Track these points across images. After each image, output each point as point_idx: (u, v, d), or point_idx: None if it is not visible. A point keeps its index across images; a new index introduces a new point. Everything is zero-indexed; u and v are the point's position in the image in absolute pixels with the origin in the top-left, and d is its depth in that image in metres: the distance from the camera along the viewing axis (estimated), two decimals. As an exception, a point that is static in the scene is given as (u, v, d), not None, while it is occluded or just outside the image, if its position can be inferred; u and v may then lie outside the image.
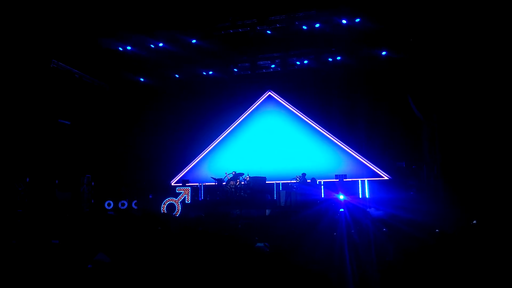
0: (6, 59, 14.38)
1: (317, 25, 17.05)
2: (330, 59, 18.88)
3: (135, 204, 16.55)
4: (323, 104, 19.06)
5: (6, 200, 14.05)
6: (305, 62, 19.43)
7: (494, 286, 4.86)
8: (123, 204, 16.47)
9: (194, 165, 20.53)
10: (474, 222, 8.74)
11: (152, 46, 18.60)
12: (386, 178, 17.61)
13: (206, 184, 19.27)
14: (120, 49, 18.70)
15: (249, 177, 17.11)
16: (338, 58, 18.68)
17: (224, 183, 17.26)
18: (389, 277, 5.75)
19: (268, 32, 17.89)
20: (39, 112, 15.91)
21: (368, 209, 13.74)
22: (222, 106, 20.27)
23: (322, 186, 17.30)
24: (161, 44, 18.46)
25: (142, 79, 20.80)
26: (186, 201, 16.65)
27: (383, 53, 17.62)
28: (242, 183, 16.97)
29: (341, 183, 16.78)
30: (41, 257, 5.84)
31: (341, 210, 13.75)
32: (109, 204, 16.38)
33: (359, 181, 17.81)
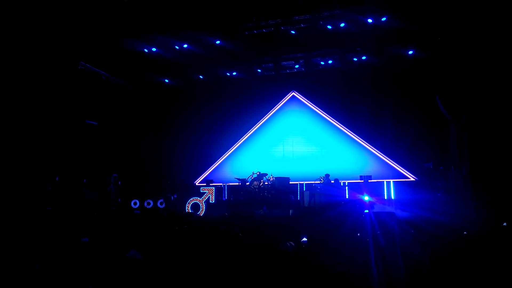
0: (37, 61, 14.74)
1: (342, 25, 16.92)
2: (355, 59, 18.72)
3: (160, 203, 16.74)
4: (347, 104, 18.90)
5: (36, 198, 14.41)
6: (330, 62, 19.31)
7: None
8: (148, 203, 16.68)
9: (218, 165, 20.67)
10: (504, 224, 8.52)
11: (177, 47, 18.79)
12: (412, 179, 17.34)
13: (230, 184, 19.36)
14: (145, 50, 18.96)
15: (273, 177, 17.10)
16: (364, 57, 18.51)
17: (248, 183, 17.29)
18: (416, 281, 5.64)
19: (292, 32, 17.83)
20: (68, 113, 16.26)
21: (394, 211, 13.54)
22: (245, 107, 20.31)
23: (347, 187, 17.14)
24: (185, 45, 18.63)
25: (167, 80, 21.05)
26: (210, 201, 16.74)
27: (410, 52, 17.35)
28: (266, 183, 16.98)
29: (366, 184, 16.60)
30: (72, 254, 5.95)
31: (366, 211, 13.58)
32: (135, 203, 16.60)
33: (385, 182, 17.61)
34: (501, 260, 5.42)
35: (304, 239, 8.10)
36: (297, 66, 20.24)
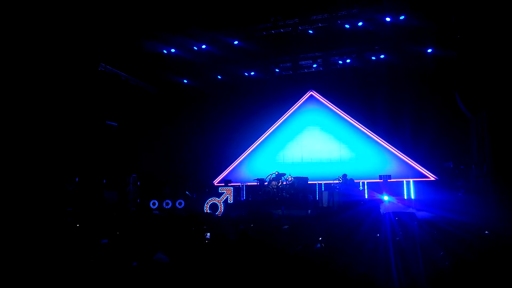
0: (57, 63, 15.00)
1: (360, 24, 16.81)
2: (373, 58, 18.58)
3: (178, 204, 16.84)
4: (366, 103, 18.73)
5: (57, 199, 14.66)
6: (348, 61, 19.19)
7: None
8: (167, 204, 16.79)
9: (236, 165, 20.72)
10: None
11: (195, 48, 18.91)
12: (432, 178, 17.10)
13: (248, 184, 19.39)
14: (165, 51, 19.12)
15: (291, 177, 17.06)
16: (382, 56, 18.36)
17: (266, 183, 17.30)
18: (437, 283, 5.55)
19: (310, 31, 17.77)
20: (88, 114, 16.50)
21: (413, 211, 13.37)
22: (263, 107, 20.31)
23: (366, 187, 17.00)
24: (203, 46, 18.73)
25: (185, 81, 21.20)
26: (229, 201, 16.79)
27: (429, 50, 17.13)
28: (284, 183, 16.96)
29: (385, 183, 16.45)
30: (92, 255, 6.04)
31: (385, 211, 13.44)
32: (154, 204, 16.75)
33: (404, 182, 17.39)
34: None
35: (318, 244, 8.04)
36: (315, 66, 20.16)
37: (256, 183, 17.95)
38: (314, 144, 19.62)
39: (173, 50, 19.12)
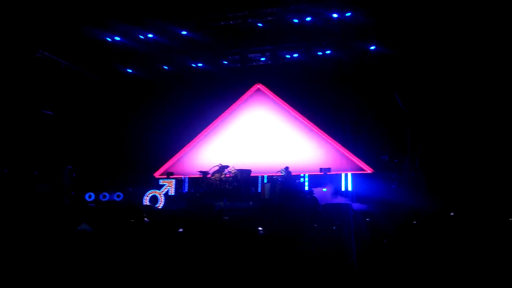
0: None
1: (308, 19, 17.01)
2: (320, 53, 18.79)
3: (117, 196, 16.29)
4: (311, 97, 18.93)
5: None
6: (295, 55, 19.32)
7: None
8: (104, 196, 16.20)
9: (180, 158, 20.29)
10: (452, 214, 8.69)
11: (142, 37, 18.43)
12: (369, 171, 17.53)
13: (191, 176, 19.06)
14: (108, 39, 18.47)
15: (234, 169, 16.94)
16: (328, 52, 18.59)
17: (209, 175, 17.08)
18: (368, 264, 5.71)
19: (259, 24, 17.76)
20: (21, 102, 15.69)
21: (350, 202, 13.65)
22: (210, 99, 20.06)
23: (307, 179, 17.17)
24: (150, 35, 18.30)
25: (130, 70, 20.58)
26: (170, 193, 16.47)
27: (372, 47, 17.55)
28: (227, 175, 16.83)
29: (326, 176, 16.74)
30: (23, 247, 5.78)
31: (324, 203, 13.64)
32: (90, 196, 16.07)
33: (343, 174, 17.62)
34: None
35: (260, 229, 8.08)
36: (263, 59, 20.17)
37: (199, 175, 17.68)
38: (259, 137, 19.55)
39: (117, 38, 18.49)
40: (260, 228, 7.79)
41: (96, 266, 5.06)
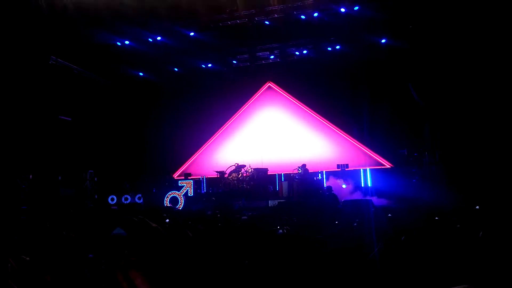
0: (6, 57, 14.35)
1: (316, 14, 16.93)
2: (329, 49, 18.82)
3: (138, 199, 16.59)
4: (323, 94, 18.91)
5: (10, 197, 14.12)
6: (304, 52, 19.36)
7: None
8: (126, 199, 16.53)
9: (195, 158, 20.56)
10: (477, 207, 8.74)
11: (150, 40, 18.50)
12: (388, 166, 17.59)
13: (209, 176, 19.28)
14: (118, 43, 18.61)
15: (251, 168, 17.13)
16: (338, 47, 18.61)
17: (226, 175, 17.29)
18: (389, 262, 5.79)
19: (267, 22, 17.75)
20: (40, 109, 15.92)
21: (370, 198, 13.74)
22: (222, 99, 20.17)
23: (324, 176, 17.30)
24: (159, 38, 18.37)
25: (141, 74, 20.75)
26: (189, 194, 16.69)
27: (383, 41, 17.54)
28: (244, 175, 17.02)
29: (343, 172, 16.80)
30: (48, 252, 5.88)
31: (343, 199, 13.77)
32: (112, 199, 16.42)
33: (361, 170, 17.76)
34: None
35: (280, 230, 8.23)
36: (272, 57, 20.23)
37: (216, 176, 17.90)
38: (273, 135, 19.72)
39: (127, 42, 18.62)
40: (278, 227, 7.96)
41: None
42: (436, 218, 8.27)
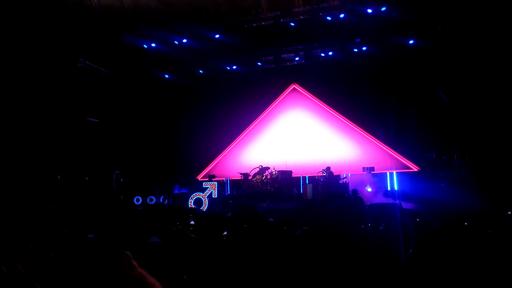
0: (36, 59, 14.70)
1: (342, 15, 16.79)
2: (355, 50, 18.62)
3: (163, 200, 16.75)
4: (348, 96, 18.70)
5: (39, 197, 14.44)
6: (330, 53, 19.20)
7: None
8: (151, 200, 16.71)
9: (220, 160, 20.63)
10: (510, 213, 8.46)
11: (176, 42, 18.70)
12: (415, 169, 17.24)
13: (233, 178, 19.30)
14: (145, 46, 18.86)
15: (275, 171, 17.06)
16: (364, 48, 18.39)
17: (250, 177, 17.27)
18: (416, 268, 5.65)
19: (292, 24, 17.71)
20: (68, 111, 16.23)
21: (397, 202, 13.49)
22: (247, 101, 20.19)
23: (350, 179, 17.07)
24: (184, 40, 18.54)
25: (167, 76, 20.97)
26: (213, 196, 16.73)
27: (411, 42, 17.22)
28: (269, 177, 16.96)
29: (369, 175, 16.54)
30: (77, 250, 5.97)
31: (369, 203, 13.56)
32: (137, 200, 16.63)
33: (387, 174, 17.48)
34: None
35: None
36: (297, 59, 20.14)
37: (240, 177, 17.90)
38: (298, 137, 19.60)
39: (153, 45, 18.88)
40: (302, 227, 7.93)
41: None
42: (466, 223, 8.05)
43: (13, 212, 11.35)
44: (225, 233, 8.52)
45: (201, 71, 20.80)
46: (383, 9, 16.16)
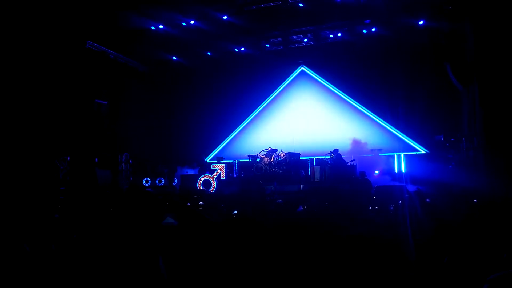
0: (45, 42, 14.72)
1: (351, -5, 16.54)
2: (364, 31, 18.39)
3: (172, 181, 16.89)
4: (357, 77, 18.60)
5: (49, 178, 14.63)
6: (339, 35, 18.97)
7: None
8: (160, 181, 16.86)
9: (228, 142, 20.73)
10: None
11: (184, 24, 18.55)
12: (423, 152, 17.19)
13: (241, 160, 19.37)
14: (152, 28, 18.75)
15: (283, 153, 17.09)
16: (373, 29, 18.16)
17: (258, 160, 17.33)
18: (425, 250, 5.65)
19: (300, 4, 17.43)
20: (77, 93, 16.31)
21: (404, 184, 13.48)
22: (255, 83, 20.15)
23: (357, 161, 17.07)
24: (192, 22, 18.39)
25: (175, 58, 20.91)
26: (221, 178, 16.84)
27: (421, 22, 16.96)
28: (277, 159, 17.00)
29: (376, 157, 16.52)
30: (87, 228, 6.09)
31: (377, 185, 13.56)
32: (146, 182, 16.80)
33: (395, 156, 17.44)
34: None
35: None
36: (305, 40, 19.92)
37: (248, 160, 17.97)
38: (306, 120, 19.56)
39: (161, 27, 18.73)
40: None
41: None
42: (475, 200, 7.94)
43: (23, 193, 11.54)
44: (235, 212, 8.64)
45: (209, 53, 20.69)
46: (393, -12, 15.88)
